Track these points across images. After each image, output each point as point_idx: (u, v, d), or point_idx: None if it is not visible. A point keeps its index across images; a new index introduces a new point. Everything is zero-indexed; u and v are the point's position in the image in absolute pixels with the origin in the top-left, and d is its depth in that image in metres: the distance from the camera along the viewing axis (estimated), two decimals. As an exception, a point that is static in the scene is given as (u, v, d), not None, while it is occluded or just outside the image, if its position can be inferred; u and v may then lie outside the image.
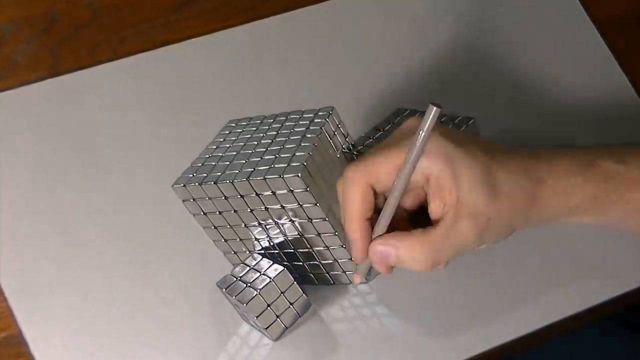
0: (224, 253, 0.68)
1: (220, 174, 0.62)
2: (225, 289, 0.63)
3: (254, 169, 0.61)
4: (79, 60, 0.75)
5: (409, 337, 0.65)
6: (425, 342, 0.65)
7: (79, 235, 0.68)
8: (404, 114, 0.70)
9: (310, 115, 0.67)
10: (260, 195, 0.61)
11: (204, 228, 0.66)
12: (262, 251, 0.66)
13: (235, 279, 0.63)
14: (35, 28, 0.76)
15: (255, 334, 0.65)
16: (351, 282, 0.65)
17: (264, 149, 0.63)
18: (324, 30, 0.80)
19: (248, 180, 0.60)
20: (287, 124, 0.67)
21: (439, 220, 0.57)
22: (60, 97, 0.74)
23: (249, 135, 0.67)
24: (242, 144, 0.66)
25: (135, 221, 0.69)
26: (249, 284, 0.62)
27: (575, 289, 0.68)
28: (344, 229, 0.60)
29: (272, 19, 0.80)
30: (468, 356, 0.65)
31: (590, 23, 0.83)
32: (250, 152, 0.64)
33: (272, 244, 0.65)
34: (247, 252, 0.67)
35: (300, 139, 0.63)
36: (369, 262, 0.60)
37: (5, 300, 0.64)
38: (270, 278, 0.62)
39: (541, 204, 0.59)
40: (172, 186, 0.64)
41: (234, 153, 0.65)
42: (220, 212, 0.64)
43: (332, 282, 0.67)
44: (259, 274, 0.63)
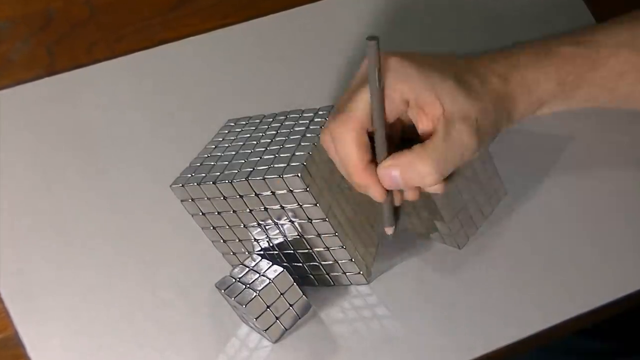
0: (223, 254, 0.68)
1: (219, 173, 0.62)
2: (224, 290, 0.63)
3: (253, 169, 0.61)
4: (76, 59, 0.75)
5: (410, 339, 0.65)
6: (426, 344, 0.65)
7: (76, 235, 0.68)
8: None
9: (310, 114, 0.67)
10: (260, 196, 0.61)
11: (202, 229, 0.67)
12: (262, 252, 0.66)
13: (234, 280, 0.63)
14: (31, 26, 0.76)
15: (255, 336, 0.65)
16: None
17: (263, 149, 0.64)
18: (324, 28, 0.80)
19: (247, 180, 0.60)
20: (287, 123, 0.67)
21: (432, 135, 0.58)
22: (57, 96, 0.74)
23: (248, 135, 0.67)
24: (241, 143, 0.66)
25: (134, 221, 0.69)
26: (248, 285, 0.62)
27: (578, 291, 0.68)
28: (352, 180, 0.60)
29: (271, 17, 0.80)
30: (470, 358, 0.65)
31: (593, 21, 0.83)
32: (250, 151, 0.64)
33: (271, 244, 0.65)
34: (246, 253, 0.67)
35: (300, 138, 0.63)
36: (389, 200, 0.61)
37: (1, 301, 0.64)
38: (270, 279, 0.62)
39: (513, 100, 0.62)
40: (171, 186, 0.64)
41: (233, 153, 0.65)
42: (219, 213, 0.64)
43: (332, 283, 0.67)
44: (258, 275, 0.63)
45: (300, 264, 0.66)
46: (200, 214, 0.65)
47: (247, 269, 0.64)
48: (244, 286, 0.62)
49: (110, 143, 0.72)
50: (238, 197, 0.62)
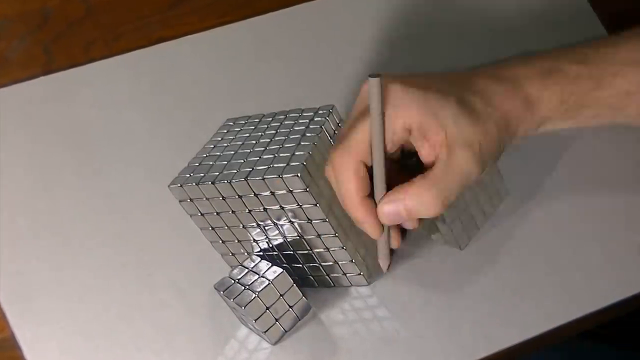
0: (222, 255, 0.68)
1: (217, 173, 0.62)
2: (223, 292, 0.63)
3: (253, 169, 0.61)
4: (73, 58, 0.75)
5: (411, 341, 0.65)
6: (427, 346, 0.65)
7: (73, 236, 0.68)
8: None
9: (310, 113, 0.67)
10: (259, 196, 0.61)
11: (201, 229, 0.67)
12: (261, 253, 0.66)
13: (233, 281, 0.63)
14: (28, 24, 0.76)
15: (254, 338, 0.65)
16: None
17: (263, 149, 0.64)
18: (324, 26, 0.80)
19: (246, 181, 0.60)
20: (286, 122, 0.67)
21: (433, 163, 0.58)
22: (54, 95, 0.74)
23: (247, 134, 0.67)
24: (240, 143, 0.66)
25: (131, 222, 0.69)
26: (247, 287, 0.62)
27: (581, 292, 0.68)
28: (350, 214, 0.60)
29: (270, 15, 0.80)
30: (471, 360, 0.65)
31: (596, 19, 0.83)
32: (249, 151, 0.64)
33: (270, 245, 0.65)
34: (246, 253, 0.67)
35: (300, 138, 0.63)
36: (385, 236, 0.61)
37: (-3, 303, 0.65)
38: (269, 280, 0.62)
39: (517, 119, 0.61)
40: (169, 186, 0.64)
41: (232, 152, 0.65)
42: (217, 213, 0.64)
43: (333, 284, 0.67)
44: (257, 276, 0.63)
45: (300, 265, 0.66)
46: (199, 214, 0.65)
47: (246, 270, 0.64)
48: (243, 287, 0.62)
49: (108, 143, 0.72)
50: (237, 197, 0.62)
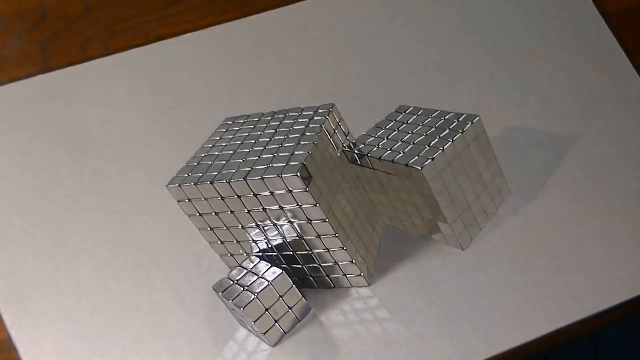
0: (221, 256, 0.68)
1: (216, 173, 0.62)
2: (222, 293, 0.63)
3: (252, 169, 0.61)
4: (70, 56, 0.75)
5: (412, 342, 0.65)
6: (428, 348, 0.65)
7: (70, 237, 0.68)
8: (406, 111, 0.70)
9: (310, 112, 0.67)
10: (258, 196, 0.61)
11: (199, 230, 0.66)
12: (260, 254, 0.66)
13: (232, 282, 0.63)
14: (25, 22, 0.76)
15: (253, 340, 0.65)
16: (352, 285, 0.65)
17: (262, 148, 0.64)
18: (324, 24, 0.80)
19: (245, 181, 0.60)
20: (286, 122, 0.67)
21: None
22: (51, 94, 0.74)
23: (247, 134, 0.67)
24: (239, 142, 0.66)
25: (129, 222, 0.69)
26: (247, 288, 0.62)
27: (584, 293, 0.68)
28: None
29: (270, 13, 0.80)
30: (473, 362, 0.65)
31: (599, 17, 0.83)
32: (248, 151, 0.64)
33: (270, 246, 0.65)
34: (245, 254, 0.67)
35: (300, 137, 0.63)
36: None
37: (-6, 304, 0.64)
38: (269, 281, 0.62)
39: None
40: (167, 186, 0.64)
41: (231, 152, 0.65)
42: (216, 213, 0.64)
43: (333, 285, 0.67)
44: (256, 277, 0.63)
45: (300, 266, 0.66)
46: (198, 214, 0.65)
47: (246, 271, 0.64)
48: (242, 289, 0.62)
49: (105, 142, 0.72)
50: (236, 197, 0.62)
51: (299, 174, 0.59)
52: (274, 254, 0.66)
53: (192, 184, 0.62)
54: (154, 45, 0.77)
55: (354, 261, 0.64)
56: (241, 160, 0.63)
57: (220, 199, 0.62)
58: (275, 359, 0.64)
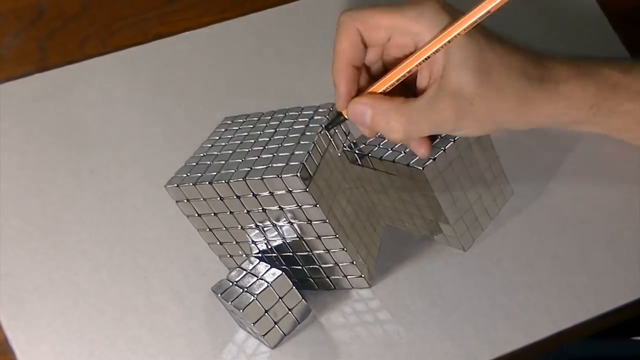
0: (220, 256, 0.68)
1: (215, 173, 0.62)
2: (221, 294, 0.63)
3: (251, 169, 0.61)
4: (67, 54, 0.75)
5: (413, 344, 0.65)
6: (430, 350, 0.65)
7: (67, 237, 0.68)
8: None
9: (310, 112, 0.67)
10: (258, 196, 0.61)
11: (198, 230, 0.66)
12: (260, 254, 0.66)
13: (231, 283, 0.63)
14: (22, 20, 0.76)
15: (253, 342, 0.64)
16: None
17: (262, 148, 0.63)
18: (324, 22, 0.79)
19: (245, 181, 0.60)
20: (286, 121, 0.67)
21: (422, 94, 0.58)
22: (48, 92, 0.74)
23: (246, 133, 0.67)
24: (239, 142, 0.66)
25: (127, 223, 0.69)
26: (246, 289, 0.62)
27: (588, 294, 0.68)
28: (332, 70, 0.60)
29: (270, 11, 0.80)
30: (475, 364, 0.65)
31: (603, 16, 0.83)
32: (247, 150, 0.64)
33: (269, 247, 0.65)
34: (244, 255, 0.66)
35: (299, 137, 0.63)
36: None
37: (-10, 305, 0.64)
38: (268, 283, 0.62)
39: (535, 106, 0.60)
40: (165, 186, 0.64)
41: (230, 152, 0.65)
42: (215, 214, 0.64)
43: (333, 287, 0.67)
44: (256, 278, 0.63)
45: (300, 267, 0.66)
46: (196, 215, 0.65)
47: (245, 272, 0.64)
48: (241, 290, 0.62)
49: (103, 141, 0.72)
50: (235, 197, 0.62)
51: (298, 174, 0.58)
52: (274, 254, 0.66)
53: (191, 184, 0.62)
54: (153, 43, 0.77)
55: (354, 262, 0.64)
56: (240, 160, 0.63)
57: (219, 199, 0.62)
58: (274, 361, 0.64)
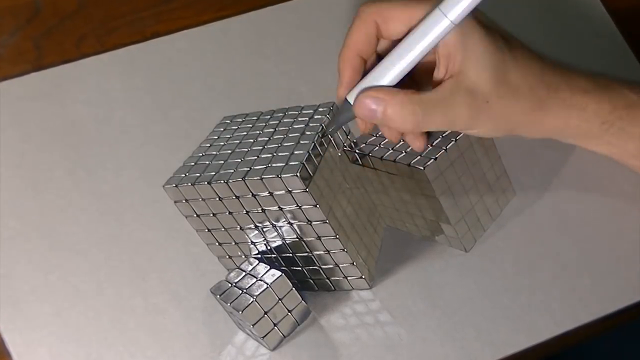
0: (218, 257, 0.68)
1: (214, 173, 0.62)
2: (220, 296, 0.63)
3: (250, 169, 0.61)
4: (64, 53, 0.75)
5: (415, 346, 0.65)
6: (431, 352, 0.65)
7: (64, 238, 0.67)
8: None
9: (310, 111, 0.67)
10: (257, 196, 0.61)
11: (197, 231, 0.66)
12: (259, 255, 0.66)
13: (230, 285, 0.63)
14: (17, 19, 0.76)
15: (252, 344, 0.64)
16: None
17: (261, 147, 0.63)
18: (325, 21, 0.80)
19: (244, 181, 0.60)
20: (285, 120, 0.67)
21: (436, 88, 0.58)
22: (45, 92, 0.73)
23: (245, 133, 0.67)
24: (238, 141, 0.66)
25: (125, 223, 0.69)
26: (245, 291, 0.62)
27: (590, 296, 0.68)
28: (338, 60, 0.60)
29: (269, 9, 0.79)
30: (477, 366, 0.65)
31: (606, 14, 0.83)
32: (246, 150, 0.64)
33: (269, 247, 0.65)
34: (243, 256, 0.66)
35: (299, 136, 0.63)
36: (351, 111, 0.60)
37: (-14, 307, 0.64)
38: (268, 284, 0.62)
39: (548, 112, 0.60)
40: (164, 186, 0.64)
41: (229, 151, 0.65)
42: (214, 214, 0.64)
43: (333, 288, 0.67)
44: (255, 279, 0.63)
45: (300, 268, 0.66)
46: (195, 215, 0.65)
47: (244, 273, 0.64)
48: (241, 291, 0.62)
49: (100, 141, 0.72)
50: (234, 197, 0.62)
51: (298, 174, 0.58)
52: (273, 255, 0.66)
53: (189, 184, 0.62)
54: (150, 42, 0.77)
55: (354, 263, 0.64)
56: (239, 160, 0.63)
57: (218, 199, 0.62)
58: (274, 363, 0.64)
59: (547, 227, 0.71)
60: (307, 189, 0.59)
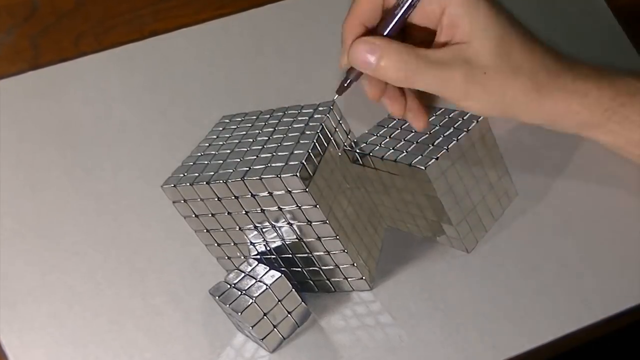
0: (217, 258, 0.68)
1: (213, 173, 0.62)
2: (219, 297, 0.62)
3: (249, 168, 0.61)
4: (61, 52, 0.75)
5: (416, 349, 0.65)
6: (432, 354, 0.65)
7: (61, 239, 0.67)
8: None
9: (310, 110, 0.67)
10: (256, 197, 0.61)
11: (195, 231, 0.66)
12: (258, 256, 0.66)
13: (229, 286, 0.63)
14: (14, 17, 0.76)
15: (251, 345, 0.64)
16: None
17: (260, 147, 0.63)
18: (324, 19, 0.80)
19: (243, 181, 0.60)
20: (285, 119, 0.67)
21: (437, 49, 0.58)
22: (42, 91, 0.73)
23: (244, 132, 0.67)
24: (237, 141, 0.66)
25: (123, 224, 0.68)
26: (244, 292, 0.62)
27: (593, 297, 0.68)
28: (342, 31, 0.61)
29: (268, 7, 0.79)
30: (478, 368, 0.65)
31: (608, 10, 0.82)
32: (245, 150, 0.64)
33: (268, 248, 0.65)
34: (242, 257, 0.66)
35: (299, 136, 0.63)
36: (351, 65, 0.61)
37: (-18, 308, 0.64)
38: (267, 285, 0.62)
39: (548, 96, 0.60)
40: (162, 186, 0.64)
41: (228, 151, 0.65)
42: (213, 215, 0.64)
43: (333, 289, 0.67)
44: (254, 280, 0.63)
45: (299, 269, 0.66)
46: (193, 216, 0.65)
47: (243, 275, 0.64)
48: (240, 292, 0.62)
49: (98, 141, 0.72)
50: (233, 198, 0.62)
51: (298, 174, 0.58)
52: (273, 256, 0.66)
53: (188, 184, 0.62)
54: (149, 40, 0.77)
55: (355, 264, 0.64)
56: (239, 160, 0.63)
57: (216, 199, 0.62)
58: (273, 365, 0.64)
59: (550, 228, 0.71)
60: (307, 189, 0.59)
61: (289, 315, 0.63)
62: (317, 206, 0.60)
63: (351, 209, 0.65)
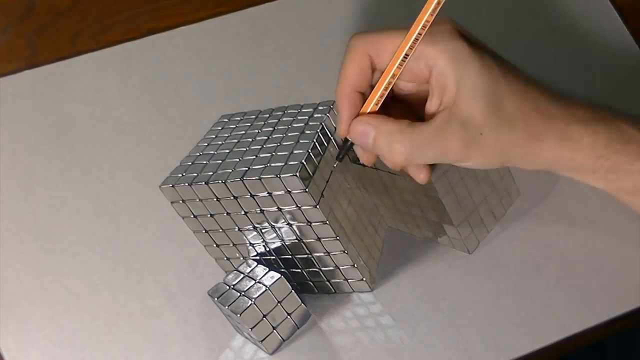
0: (216, 259, 0.67)
1: (211, 173, 0.62)
2: (217, 298, 0.62)
3: (249, 168, 0.61)
4: (58, 50, 0.75)
5: (417, 350, 0.65)
6: (433, 356, 0.65)
7: (58, 240, 0.67)
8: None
9: (310, 109, 0.67)
10: (256, 197, 0.61)
11: (194, 232, 0.66)
12: (258, 257, 0.66)
13: (228, 287, 0.63)
14: (11, 15, 0.76)
15: (250, 347, 0.64)
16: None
17: (260, 147, 0.63)
18: (324, 17, 0.79)
19: (242, 181, 0.60)
20: (284, 119, 0.67)
21: (430, 119, 0.58)
22: (39, 90, 0.73)
23: (243, 132, 0.67)
24: (236, 141, 0.66)
25: (120, 224, 0.68)
26: (243, 293, 0.62)
27: (596, 298, 0.68)
28: (335, 97, 0.60)
29: (268, 5, 0.79)
30: (480, 371, 0.65)
31: (612, 9, 0.82)
32: (245, 149, 0.64)
33: (268, 249, 0.65)
34: (241, 258, 0.66)
35: (299, 135, 0.63)
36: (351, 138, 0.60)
37: (-22, 310, 0.64)
38: (266, 286, 0.62)
39: (543, 143, 0.59)
40: (160, 187, 0.64)
41: (227, 151, 0.65)
42: (211, 215, 0.64)
43: (333, 290, 0.66)
44: (253, 282, 0.63)
45: (299, 270, 0.66)
46: (192, 216, 0.65)
47: (242, 276, 0.64)
48: (239, 294, 0.62)
49: (96, 140, 0.72)
50: (232, 198, 0.61)
51: (297, 174, 0.58)
52: (272, 257, 0.66)
53: (186, 184, 0.62)
54: (147, 39, 0.77)
55: (355, 265, 0.64)
56: (237, 160, 0.62)
57: (215, 199, 0.62)
58: (273, 368, 0.64)
59: (552, 228, 0.70)
60: (307, 189, 0.59)
61: (288, 316, 0.63)
62: (317, 206, 0.60)
63: (351, 209, 0.65)
